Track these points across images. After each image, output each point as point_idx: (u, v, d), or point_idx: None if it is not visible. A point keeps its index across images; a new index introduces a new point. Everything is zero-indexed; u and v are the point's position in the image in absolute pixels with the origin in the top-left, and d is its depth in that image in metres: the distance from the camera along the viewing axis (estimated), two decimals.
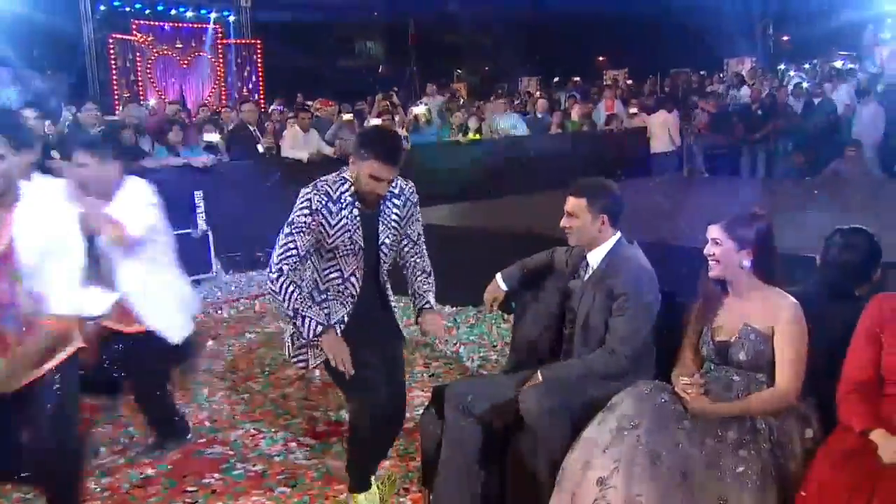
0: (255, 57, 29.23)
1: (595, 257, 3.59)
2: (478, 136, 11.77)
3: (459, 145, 11.64)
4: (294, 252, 3.44)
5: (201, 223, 9.00)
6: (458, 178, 10.42)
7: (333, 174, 3.56)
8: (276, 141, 10.54)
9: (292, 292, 3.41)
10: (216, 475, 4.35)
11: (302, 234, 3.43)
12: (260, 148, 10.33)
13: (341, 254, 3.52)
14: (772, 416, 2.97)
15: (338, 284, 3.60)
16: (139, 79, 26.21)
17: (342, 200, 3.46)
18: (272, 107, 16.29)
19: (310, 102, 14.60)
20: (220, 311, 7.97)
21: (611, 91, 15.40)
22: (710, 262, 3.17)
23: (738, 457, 2.86)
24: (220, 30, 29.18)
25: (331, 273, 3.59)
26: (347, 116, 11.73)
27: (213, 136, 9.90)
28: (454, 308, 7.41)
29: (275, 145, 10.53)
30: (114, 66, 25.32)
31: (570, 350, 3.60)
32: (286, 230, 3.44)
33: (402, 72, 33.18)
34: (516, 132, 11.68)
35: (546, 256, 4.01)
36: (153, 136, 9.65)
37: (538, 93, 18.46)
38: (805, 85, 17.43)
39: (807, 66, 23.12)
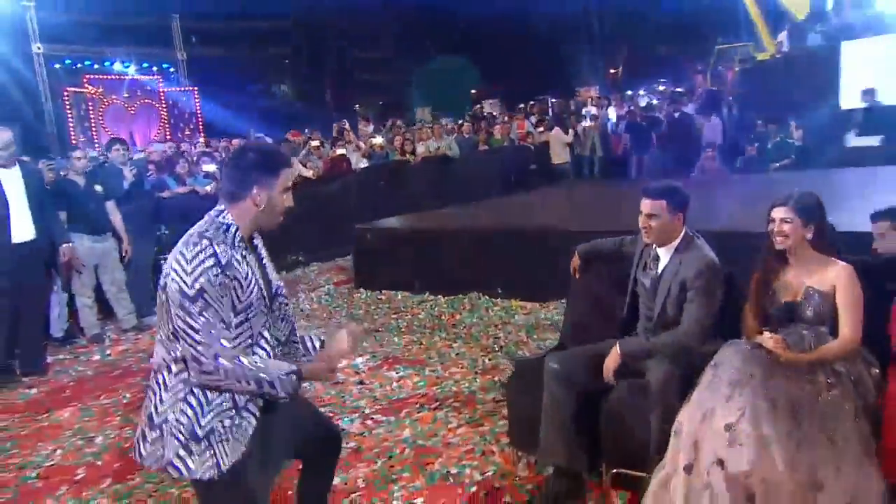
0: (192, 101, 28.70)
1: (666, 252, 3.38)
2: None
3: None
4: (222, 326, 2.14)
5: None
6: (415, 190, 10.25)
7: (202, 223, 2.27)
8: None
9: (242, 366, 2.12)
10: None
11: (220, 301, 2.14)
12: None
13: (253, 314, 2.27)
14: (845, 359, 2.94)
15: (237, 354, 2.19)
16: (93, 125, 25.51)
17: (237, 247, 2.25)
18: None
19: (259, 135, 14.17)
20: None
21: (521, 113, 15.43)
22: (777, 238, 3.08)
23: (832, 395, 2.83)
24: (160, 80, 28.37)
25: (240, 341, 2.24)
26: (315, 143, 11.35)
27: (210, 167, 9.41)
28: (446, 297, 7.15)
29: None
30: (70, 115, 24.57)
31: (646, 331, 3.47)
32: (196, 305, 2.09)
33: (316, 109, 33.09)
34: (450, 152, 11.52)
35: (615, 245, 3.82)
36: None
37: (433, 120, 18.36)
38: (655, 102, 18.02)
39: (642, 91, 23.94)
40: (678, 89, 21.07)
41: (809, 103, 13.18)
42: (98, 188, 6.52)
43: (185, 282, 2.11)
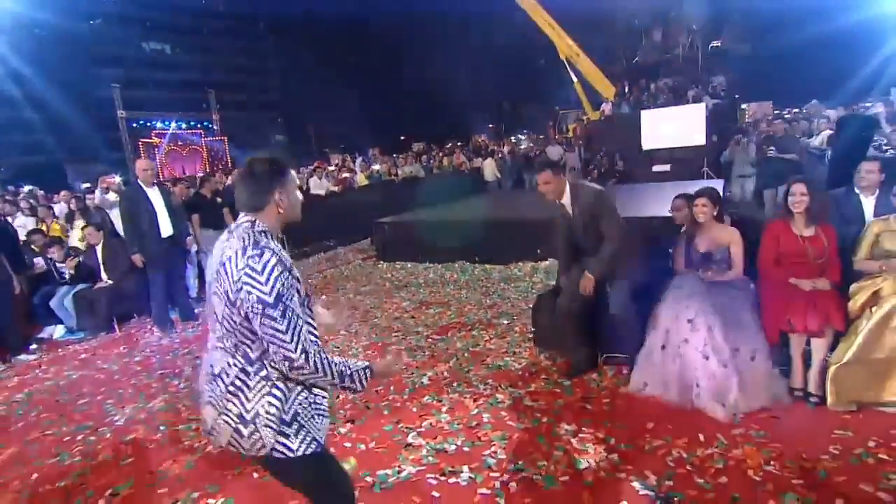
0: (223, 147, 27.67)
1: (567, 202, 3.28)
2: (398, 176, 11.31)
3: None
4: (301, 322, 1.54)
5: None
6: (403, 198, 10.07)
7: (245, 236, 1.55)
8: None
9: (327, 360, 1.57)
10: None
11: (293, 300, 1.54)
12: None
13: (310, 304, 1.69)
14: (739, 279, 3.21)
15: (315, 342, 1.60)
16: (159, 165, 24.46)
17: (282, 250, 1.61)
18: None
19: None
20: None
21: (458, 149, 15.34)
22: (700, 215, 3.31)
23: (738, 299, 3.08)
24: (202, 133, 27.08)
25: (312, 332, 1.63)
26: (332, 168, 11.02)
27: None
28: (441, 264, 7.04)
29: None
30: (143, 157, 23.77)
31: (583, 251, 3.39)
32: (277, 310, 1.50)
33: (301, 149, 32.46)
34: (419, 174, 11.42)
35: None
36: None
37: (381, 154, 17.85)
38: (531, 144, 18.41)
39: (522, 137, 24.43)
40: (541, 136, 21.65)
41: (625, 147, 13.84)
42: (219, 199, 6.20)
43: (263, 291, 1.50)
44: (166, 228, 5.24)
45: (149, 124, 25.15)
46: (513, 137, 23.57)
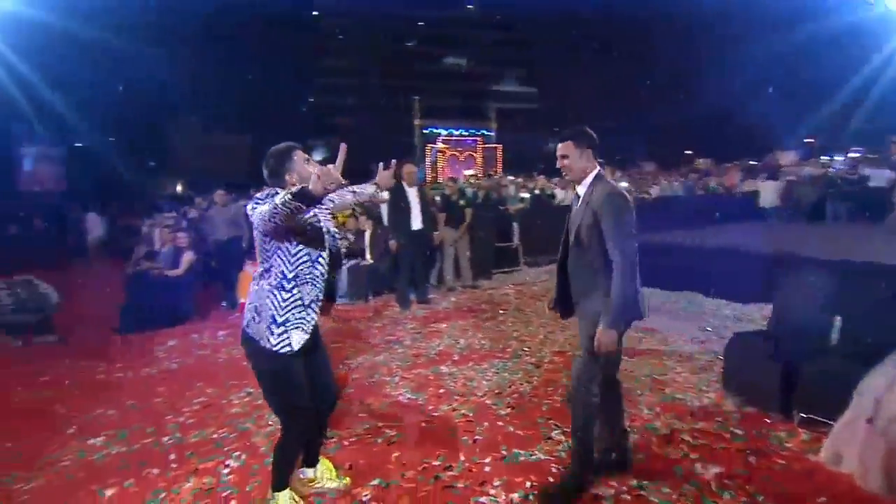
0: (496, 152, 30.67)
1: (582, 189, 2.60)
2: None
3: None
4: (277, 208, 2.06)
5: (516, 240, 8.93)
6: None
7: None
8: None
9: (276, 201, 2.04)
10: None
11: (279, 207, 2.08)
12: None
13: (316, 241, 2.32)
14: None
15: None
16: (439, 166, 28.60)
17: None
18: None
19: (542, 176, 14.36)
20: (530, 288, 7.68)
21: (734, 168, 13.99)
22: None
23: None
24: (479, 140, 30.53)
25: (304, 256, 2.28)
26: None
27: (525, 194, 9.91)
28: (669, 291, 6.74)
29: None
30: (428, 161, 28.04)
31: (569, 256, 2.66)
32: (267, 203, 2.12)
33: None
34: (677, 193, 10.92)
35: None
36: None
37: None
38: (843, 167, 15.30)
39: (838, 158, 20.35)
40: (870, 156, 17.60)
41: None
42: (462, 202, 7.36)
43: (262, 204, 2.14)
44: (417, 223, 6.52)
45: (435, 132, 29.77)
46: (824, 156, 19.72)
